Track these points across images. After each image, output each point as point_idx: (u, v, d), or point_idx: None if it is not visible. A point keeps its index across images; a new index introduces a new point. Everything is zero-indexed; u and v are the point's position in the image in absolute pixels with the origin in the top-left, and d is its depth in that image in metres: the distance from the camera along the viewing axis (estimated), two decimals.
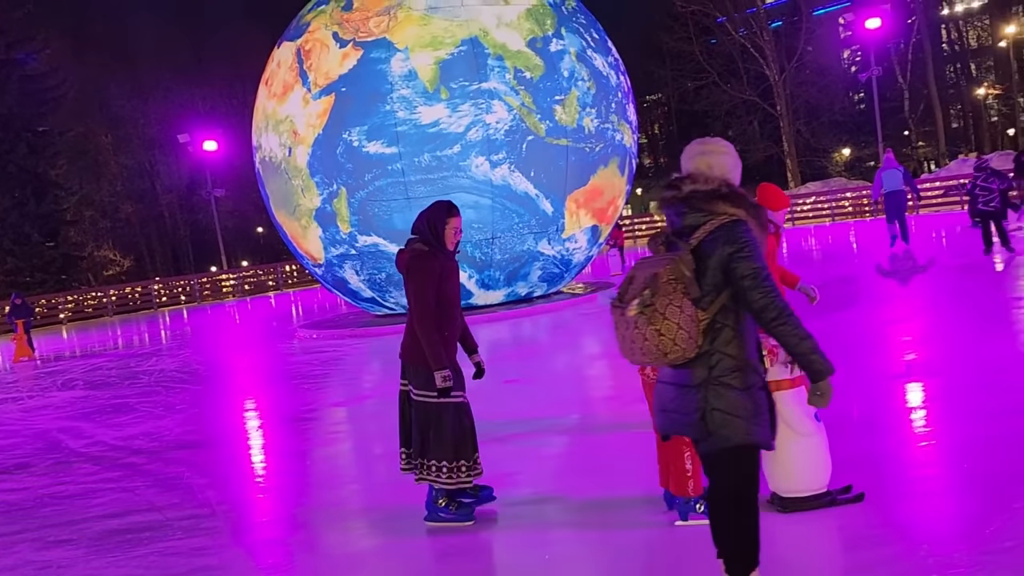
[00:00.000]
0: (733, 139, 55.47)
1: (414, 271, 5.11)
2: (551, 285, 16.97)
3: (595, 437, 7.12)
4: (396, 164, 14.99)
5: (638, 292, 3.26)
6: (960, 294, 12.06)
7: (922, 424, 6.21)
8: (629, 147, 17.12)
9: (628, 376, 9.98)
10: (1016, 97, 58.88)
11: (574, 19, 16.37)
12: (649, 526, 4.85)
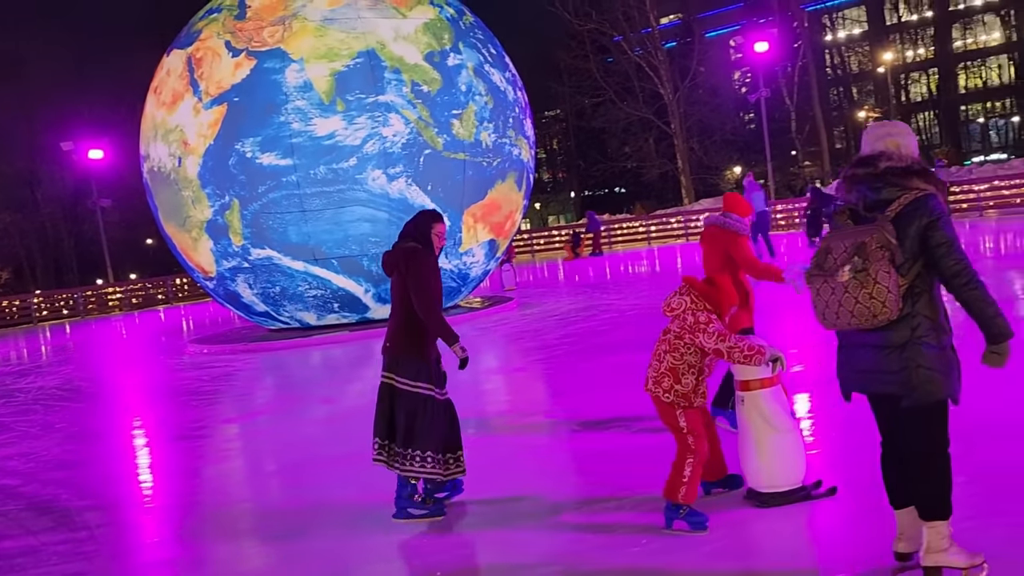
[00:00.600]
0: (629, 155, 56.67)
1: (414, 266, 5.38)
2: (448, 299, 16.94)
3: (492, 447, 7.12)
4: (291, 176, 14.76)
5: (846, 260, 3.55)
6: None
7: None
8: (527, 162, 17.26)
9: (522, 388, 10.08)
10: (893, 119, 61.68)
11: (471, 34, 16.45)
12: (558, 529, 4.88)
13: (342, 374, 12.58)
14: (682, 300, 4.82)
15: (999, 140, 69.17)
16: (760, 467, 4.87)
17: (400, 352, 5.39)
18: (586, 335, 12.61)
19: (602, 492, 5.51)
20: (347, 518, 5.65)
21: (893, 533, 3.97)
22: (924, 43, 69.78)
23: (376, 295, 15.61)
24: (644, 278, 22.08)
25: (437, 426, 5.32)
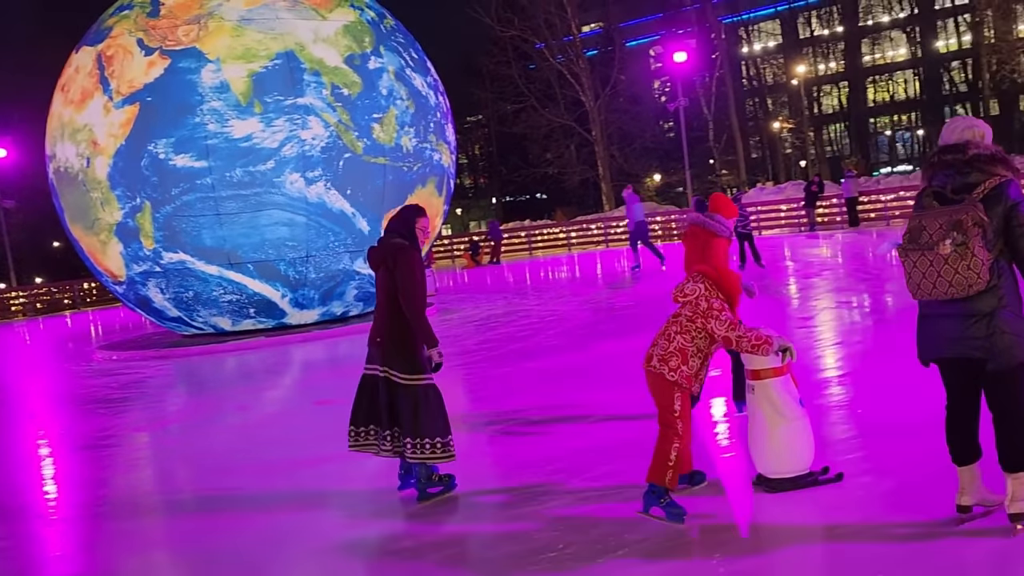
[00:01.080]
0: (551, 162, 57.05)
1: (403, 262, 5.47)
2: (368, 304, 16.82)
3: None
4: (206, 179, 14.48)
5: (944, 235, 3.91)
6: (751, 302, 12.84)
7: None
8: (448, 167, 17.24)
9: None
10: (806, 131, 63.49)
11: (393, 38, 16.38)
12: None
13: (257, 381, 12.36)
14: (696, 287, 4.92)
15: (905, 152, 71.62)
16: (769, 454, 5.02)
17: (393, 347, 5.53)
18: (505, 340, 12.65)
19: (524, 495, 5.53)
20: (260, 527, 5.56)
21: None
22: (835, 57, 71.90)
23: (293, 300, 15.41)
24: (564, 284, 22.26)
25: (436, 414, 5.51)
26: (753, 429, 5.09)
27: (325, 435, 8.08)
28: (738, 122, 56.37)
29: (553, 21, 50.71)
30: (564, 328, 13.11)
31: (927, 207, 4.08)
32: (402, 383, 5.49)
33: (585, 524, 4.91)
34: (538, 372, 9.78)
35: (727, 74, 54.85)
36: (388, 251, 5.57)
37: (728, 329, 4.77)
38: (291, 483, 6.49)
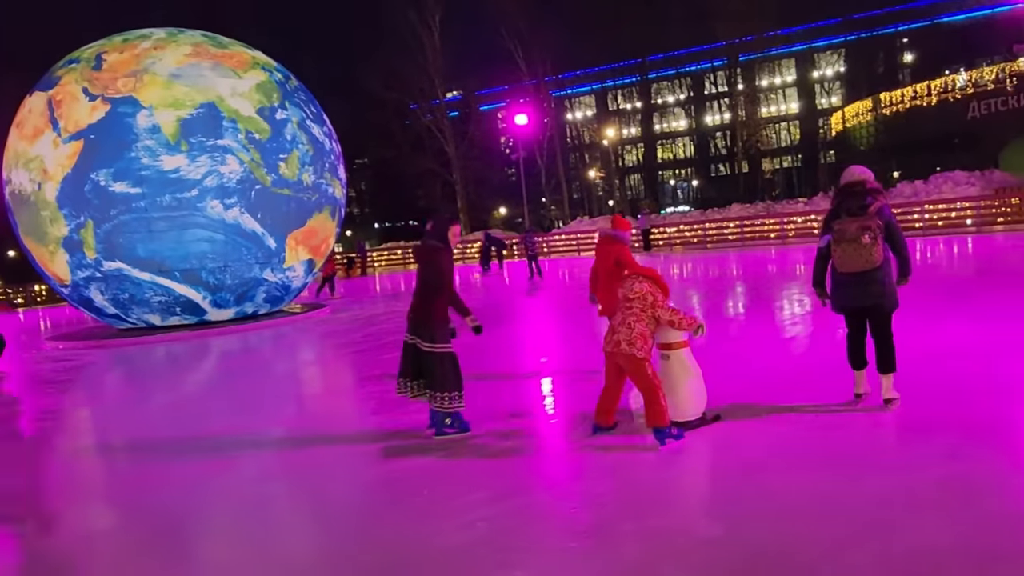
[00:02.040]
0: (420, 197, 56.76)
1: (436, 259, 5.67)
2: (274, 305, 16.37)
3: (308, 451, 7.01)
4: (140, 203, 13.76)
5: (860, 233, 5.10)
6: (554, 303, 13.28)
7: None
8: (339, 199, 16.97)
9: (336, 377, 9.96)
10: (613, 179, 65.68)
11: (296, 95, 16.02)
12: None
13: (182, 366, 11.85)
14: (643, 286, 5.16)
15: (683, 196, 75.18)
16: (678, 403, 5.26)
17: (420, 322, 5.71)
18: (386, 333, 12.59)
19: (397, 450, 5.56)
20: (186, 477, 5.40)
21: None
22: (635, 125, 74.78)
23: (213, 301, 14.83)
24: None
25: (452, 373, 5.64)
26: (669, 387, 5.25)
27: (235, 408, 7.89)
28: (563, 170, 57.76)
29: (424, 87, 50.59)
30: None
31: (843, 218, 5.23)
32: (425, 350, 5.67)
33: (442, 475, 5.01)
34: None
35: (556, 134, 56.10)
36: (427, 250, 5.76)
37: (671, 315, 5.12)
38: (209, 445, 6.32)
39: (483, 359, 9.05)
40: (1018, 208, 24.88)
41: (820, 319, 10.14)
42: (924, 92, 42.91)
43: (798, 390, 6.16)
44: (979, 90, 39.47)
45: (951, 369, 6.44)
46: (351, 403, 7.96)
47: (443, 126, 51.13)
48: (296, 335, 14.12)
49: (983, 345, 7.24)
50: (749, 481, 4.38)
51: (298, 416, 7.48)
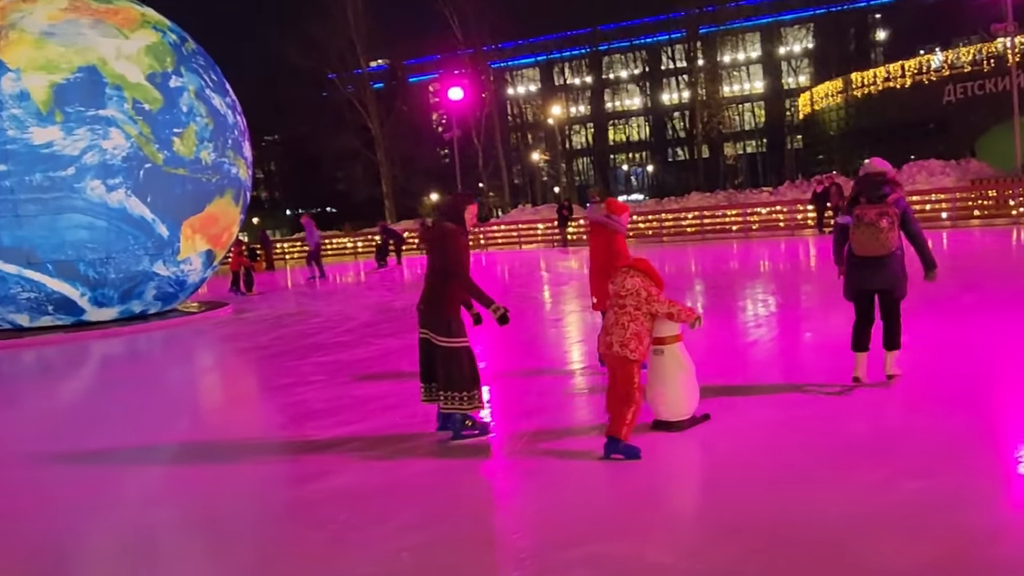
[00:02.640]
0: (340, 179, 56.22)
1: (451, 245, 5.62)
2: (166, 303, 15.92)
3: (207, 453, 6.83)
4: (5, 182, 13.19)
5: (879, 218, 5.97)
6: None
7: None
8: (244, 180, 16.61)
9: (239, 387, 9.75)
10: (559, 163, 66.18)
11: (193, 60, 15.59)
12: None
13: (56, 374, 11.41)
14: (634, 281, 5.24)
15: (638, 184, 76.27)
16: (671, 402, 5.52)
17: (432, 313, 5.71)
18: (297, 336, 12.40)
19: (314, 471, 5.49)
20: (43, 509, 5.20)
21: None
22: (584, 102, 75.50)
23: (93, 298, 14.34)
24: (350, 288, 22.01)
25: (466, 371, 5.65)
26: (657, 385, 5.52)
27: (118, 423, 7.64)
28: (503, 152, 57.96)
29: (344, 55, 50.06)
30: (349, 327, 13.02)
31: (862, 205, 6.09)
32: (439, 344, 5.67)
33: (360, 499, 4.96)
34: (327, 365, 9.67)
35: (495, 111, 56.23)
36: (439, 233, 5.74)
37: (668, 307, 5.25)
38: (86, 467, 6.10)
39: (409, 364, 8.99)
40: (995, 201, 26.04)
41: (785, 321, 10.38)
42: (897, 73, 44.59)
43: (762, 402, 6.29)
44: (955, 72, 41.24)
45: (923, 376, 6.67)
46: (256, 416, 7.82)
47: (366, 99, 50.69)
48: (192, 338, 13.80)
49: (960, 351, 7.52)
50: (705, 499, 4.44)
51: (193, 432, 7.29)
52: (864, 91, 47.10)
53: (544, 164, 70.09)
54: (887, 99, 45.17)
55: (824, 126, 52.15)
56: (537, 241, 34.61)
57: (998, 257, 15.78)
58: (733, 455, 5.12)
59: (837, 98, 50.01)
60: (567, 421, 6.25)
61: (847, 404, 6.00)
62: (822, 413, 5.83)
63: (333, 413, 7.08)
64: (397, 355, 9.89)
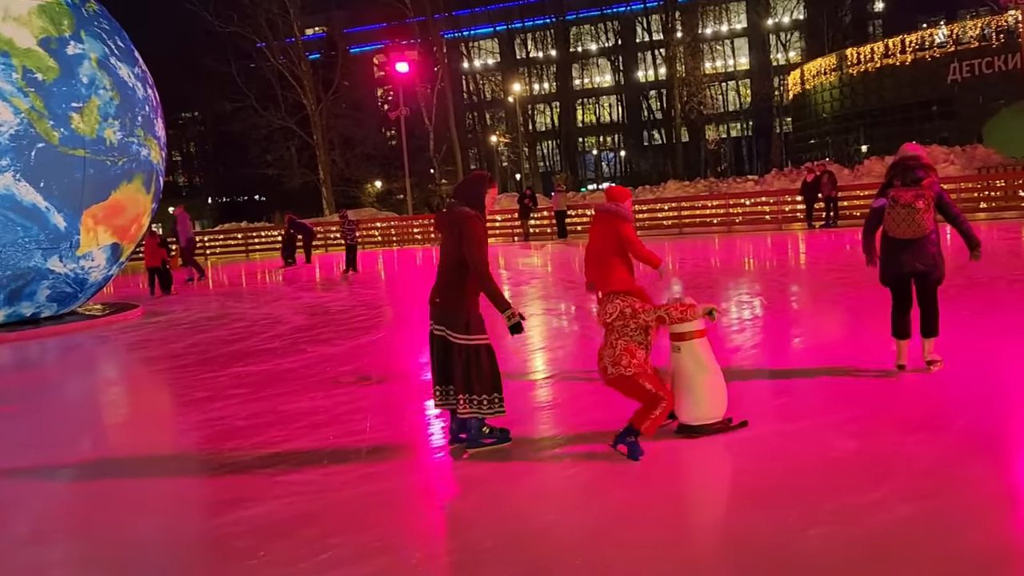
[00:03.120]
0: (270, 163, 55.69)
1: (469, 232, 5.58)
2: (63, 305, 15.59)
3: (111, 467, 6.68)
4: None
5: (915, 200, 6.62)
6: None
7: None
8: (157, 164, 16.34)
9: (148, 402, 9.57)
10: (521, 146, 66.31)
11: (96, 23, 15.29)
12: None
13: None
14: (615, 305, 5.48)
15: (610, 171, 76.75)
16: (692, 404, 5.70)
17: (449, 307, 5.72)
18: (216, 344, 12.20)
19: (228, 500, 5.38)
20: None
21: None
22: (548, 79, 75.75)
23: None
24: (281, 287, 21.77)
25: (487, 372, 5.68)
26: (676, 385, 5.71)
27: (3, 445, 7.44)
28: (458, 134, 57.86)
29: (275, 21, 49.61)
30: (278, 332, 12.86)
31: (896, 188, 6.74)
32: (456, 342, 5.68)
33: (286, 530, 4.88)
34: (250, 376, 9.52)
35: (448, 87, 56.10)
36: (455, 219, 5.68)
37: (654, 315, 5.41)
38: None
39: (346, 372, 8.90)
40: (1004, 192, 26.62)
41: (770, 326, 10.47)
42: (897, 49, 45.41)
43: (758, 414, 6.32)
44: (961, 48, 42.12)
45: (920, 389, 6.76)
46: (166, 436, 7.68)
47: (300, 72, 50.26)
48: (94, 345, 13.54)
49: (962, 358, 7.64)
50: (666, 529, 4.43)
51: (92, 454, 7.13)
52: (860, 68, 47.90)
53: (504, 147, 70.19)
54: (886, 77, 46.00)
55: (816, 107, 52.96)
56: (495, 235, 34.58)
57: (1006, 255, 16.10)
58: (728, 469, 5.12)
59: (830, 76, 50.80)
60: (530, 432, 6.20)
61: (837, 420, 6.05)
62: (816, 426, 5.87)
63: (255, 431, 6.97)
64: (333, 363, 9.79)
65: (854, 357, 7.91)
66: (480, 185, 5.84)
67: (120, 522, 5.26)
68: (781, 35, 70.95)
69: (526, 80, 73.16)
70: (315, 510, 5.09)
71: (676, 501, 4.90)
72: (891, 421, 5.92)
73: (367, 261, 28.26)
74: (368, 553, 4.39)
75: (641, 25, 72.99)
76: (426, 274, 21.56)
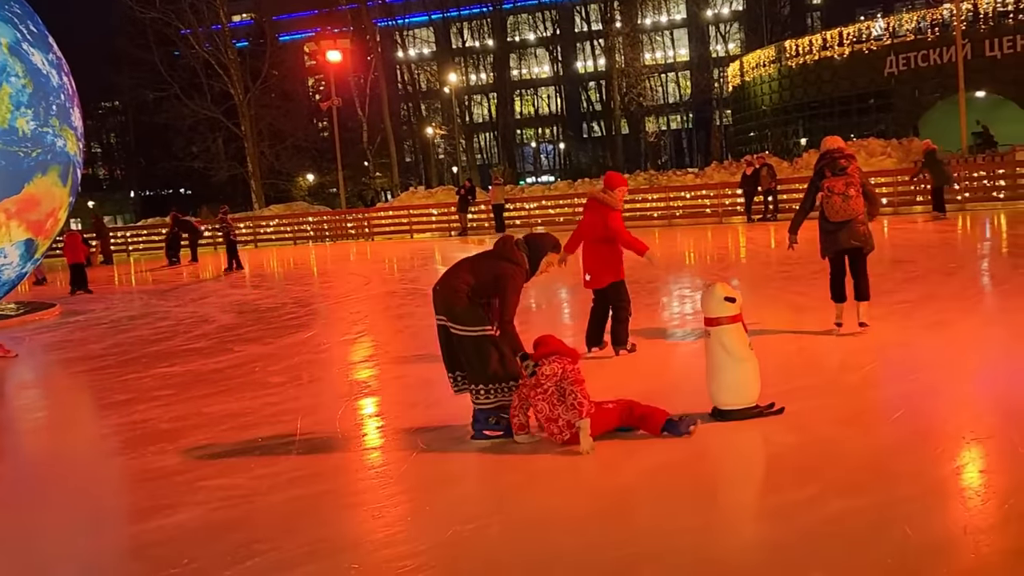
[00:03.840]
0: (196, 155, 54.74)
1: (511, 280, 5.90)
2: None
3: (19, 473, 6.51)
4: None
5: (847, 188, 8.03)
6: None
7: None
8: (74, 155, 15.92)
9: (65, 406, 9.35)
10: (458, 138, 66.18)
11: (6, 6, 14.84)
12: None
13: None
14: (553, 366, 5.59)
15: (548, 163, 77.01)
16: (720, 389, 5.95)
17: (448, 297, 5.88)
18: (138, 344, 11.97)
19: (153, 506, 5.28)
20: None
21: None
22: (485, 69, 75.70)
23: None
24: (209, 284, 21.42)
25: (500, 358, 5.81)
26: (709, 369, 6.01)
27: None
28: (392, 125, 57.56)
29: (200, 7, 48.70)
30: (204, 331, 12.66)
31: (826, 177, 8.13)
32: (458, 333, 5.83)
33: (211, 536, 4.81)
34: (175, 377, 9.36)
35: (382, 76, 55.76)
36: (509, 257, 6.01)
37: (573, 385, 5.56)
38: None
39: (276, 373, 8.82)
40: None
41: None
42: (835, 41, 46.29)
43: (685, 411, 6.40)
44: (898, 41, 43.08)
45: (856, 383, 6.92)
46: (85, 440, 7.52)
47: (227, 60, 49.42)
48: (8, 347, 13.16)
49: (897, 351, 7.84)
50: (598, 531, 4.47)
51: (4, 461, 6.94)
52: (799, 61, 48.73)
53: (440, 139, 69.96)
54: (824, 70, 46.85)
55: (755, 100, 53.72)
56: (431, 229, 34.48)
57: (942, 247, 16.55)
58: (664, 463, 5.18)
59: (770, 68, 51.58)
60: (459, 429, 6.19)
61: (774, 418, 6.15)
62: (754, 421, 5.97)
63: (180, 434, 6.85)
64: (261, 363, 9.69)
65: (794, 351, 8.07)
66: (543, 246, 6.19)
67: (33, 534, 5.14)
68: (721, 26, 71.89)
69: (462, 70, 73.02)
70: (242, 515, 5.03)
71: (613, 499, 4.93)
72: (827, 416, 6.05)
73: (300, 257, 27.96)
74: (297, 559, 4.34)
75: (580, 15, 73.34)
76: (360, 270, 21.45)
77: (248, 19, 63.46)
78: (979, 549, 3.91)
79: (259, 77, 50.71)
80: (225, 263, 24.27)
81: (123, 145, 77.45)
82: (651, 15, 71.73)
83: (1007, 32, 38.72)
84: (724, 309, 5.92)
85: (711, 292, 6.01)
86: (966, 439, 5.39)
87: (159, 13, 47.68)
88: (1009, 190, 25.89)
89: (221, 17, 49.76)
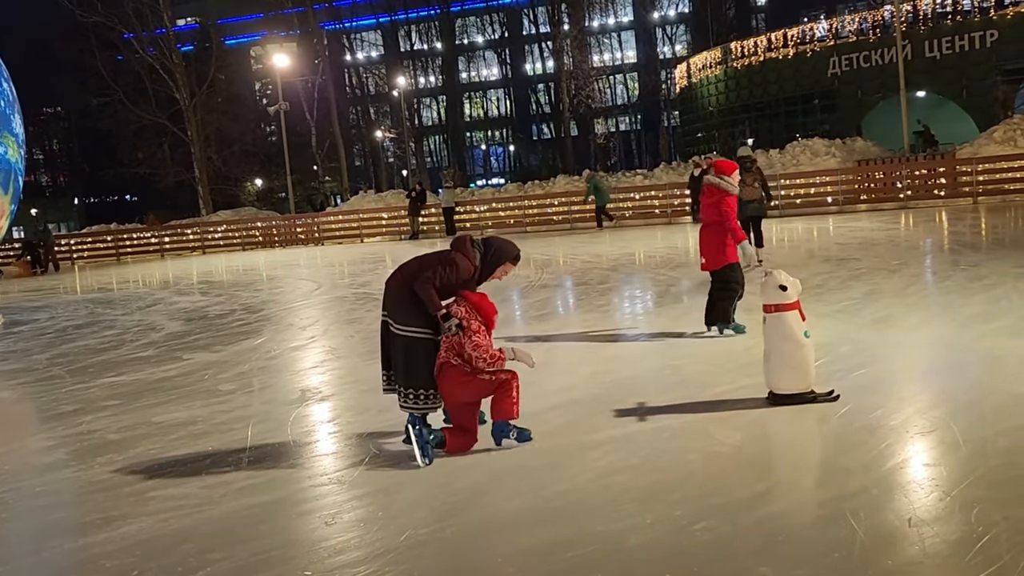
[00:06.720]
0: (142, 161, 53.90)
1: (452, 263, 5.69)
2: None
3: None
4: None
5: (754, 181, 14.41)
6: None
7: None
8: (15, 162, 15.63)
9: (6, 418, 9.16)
10: (407, 141, 65.96)
11: None
12: None
13: None
14: (457, 309, 5.63)
15: (498, 165, 77.07)
16: (773, 373, 6.19)
17: (395, 296, 5.78)
18: (85, 353, 11.75)
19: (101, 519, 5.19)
20: None
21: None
22: (434, 72, 75.57)
23: None
24: (156, 292, 21.09)
25: (424, 366, 5.68)
26: (765, 352, 6.26)
27: None
28: (341, 129, 57.13)
29: (143, 11, 47.90)
30: (152, 339, 12.46)
31: (744, 175, 12.21)
32: (395, 332, 5.73)
33: (162, 547, 4.75)
34: (122, 386, 9.21)
35: (330, 80, 55.33)
36: (460, 248, 5.81)
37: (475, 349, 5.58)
38: None
39: (227, 381, 8.72)
40: (883, 184, 27.85)
41: (657, 323, 10.71)
42: (780, 42, 46.88)
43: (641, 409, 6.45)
44: (840, 42, 43.75)
45: None
46: (28, 452, 7.34)
47: (172, 65, 48.70)
48: None
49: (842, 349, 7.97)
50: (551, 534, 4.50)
51: None
52: (744, 62, 49.26)
53: (389, 143, 69.66)
54: (769, 71, 47.43)
55: (702, 101, 54.21)
56: (382, 233, 34.30)
57: (886, 245, 16.86)
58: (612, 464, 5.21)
59: (716, 69, 52.07)
60: None
61: (724, 415, 6.23)
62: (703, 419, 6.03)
63: (128, 445, 6.75)
64: (211, 371, 9.57)
65: (740, 350, 8.16)
66: (503, 254, 5.97)
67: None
68: (667, 28, 72.55)
69: (411, 73, 72.81)
70: (193, 525, 4.97)
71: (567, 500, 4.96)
72: (773, 413, 6.13)
73: (250, 263, 27.65)
74: (250, 568, 4.31)
75: (528, 17, 73.52)
76: (310, 275, 21.29)
77: (193, 23, 62.68)
78: (923, 540, 4.00)
79: (205, 81, 50.02)
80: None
81: (66, 151, 76.02)
82: (598, 17, 72.13)
83: (946, 33, 39.50)
84: (776, 296, 6.14)
85: (771, 279, 6.21)
86: (910, 433, 5.51)
87: (102, 17, 46.84)
88: (949, 188, 26.48)
89: (165, 21, 49.02)
